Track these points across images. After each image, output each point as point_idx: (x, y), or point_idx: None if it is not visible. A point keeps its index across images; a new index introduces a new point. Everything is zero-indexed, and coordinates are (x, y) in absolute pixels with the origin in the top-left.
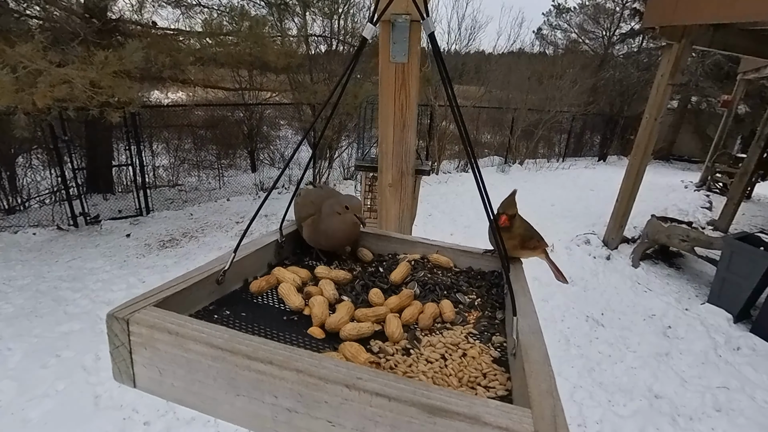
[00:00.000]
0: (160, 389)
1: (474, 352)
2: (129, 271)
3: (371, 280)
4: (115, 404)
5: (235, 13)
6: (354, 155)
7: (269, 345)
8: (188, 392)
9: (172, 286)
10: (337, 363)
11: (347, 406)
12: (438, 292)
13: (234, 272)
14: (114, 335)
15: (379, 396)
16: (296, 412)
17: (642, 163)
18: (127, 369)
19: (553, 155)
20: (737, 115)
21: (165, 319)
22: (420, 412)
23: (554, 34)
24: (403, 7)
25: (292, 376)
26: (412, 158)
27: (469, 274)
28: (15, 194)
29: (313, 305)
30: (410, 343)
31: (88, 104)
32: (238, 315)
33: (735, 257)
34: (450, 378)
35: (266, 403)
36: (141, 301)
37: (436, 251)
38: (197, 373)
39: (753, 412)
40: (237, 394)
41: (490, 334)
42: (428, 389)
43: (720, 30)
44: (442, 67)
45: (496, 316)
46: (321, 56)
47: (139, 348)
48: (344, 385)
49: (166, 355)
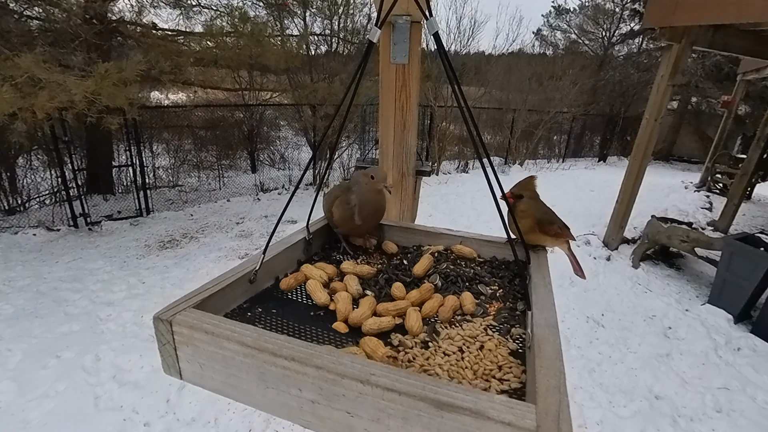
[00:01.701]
0: (202, 381)
1: (491, 344)
2: (129, 272)
3: (395, 274)
4: (115, 405)
5: (235, 14)
6: (354, 155)
7: (292, 343)
8: (226, 384)
9: (208, 288)
10: (353, 359)
11: (363, 399)
12: (460, 283)
13: (265, 271)
14: (161, 334)
15: (390, 391)
16: (318, 404)
17: (642, 163)
18: (174, 364)
19: (553, 156)
20: (737, 115)
21: (202, 320)
22: (428, 406)
23: (554, 35)
24: (403, 8)
25: (312, 371)
26: (412, 159)
27: (493, 264)
28: (15, 195)
29: (338, 301)
30: (429, 336)
31: (86, 111)
32: (269, 312)
33: (735, 258)
34: (465, 371)
35: (292, 395)
36: (182, 303)
37: (460, 242)
38: (232, 368)
39: (754, 413)
40: (267, 387)
41: (509, 326)
42: (437, 385)
43: (720, 31)
44: (449, 66)
45: (517, 307)
46: (321, 56)
47: (182, 345)
48: (359, 381)
49: (205, 352)
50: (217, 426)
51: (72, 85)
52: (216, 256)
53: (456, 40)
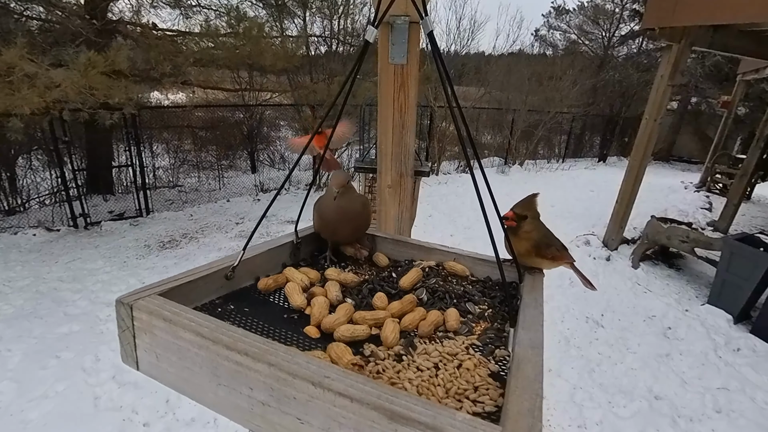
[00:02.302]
0: (157, 373)
1: (470, 363)
2: (129, 272)
3: (380, 285)
4: (114, 405)
5: (234, 15)
6: (353, 156)
7: (249, 337)
8: (180, 378)
9: (179, 278)
10: (308, 360)
11: (314, 404)
12: (447, 300)
13: (246, 270)
14: (121, 319)
15: (342, 396)
16: (269, 406)
17: (642, 164)
18: (131, 352)
19: (553, 156)
20: (737, 116)
21: (163, 307)
22: (381, 417)
23: (554, 36)
24: (402, 8)
25: (264, 369)
26: (411, 159)
27: (486, 284)
28: (15, 195)
29: (314, 305)
30: (404, 350)
31: (81, 107)
32: (241, 310)
33: (735, 258)
34: (437, 388)
35: (243, 395)
36: (147, 289)
37: (453, 258)
38: (186, 360)
39: (753, 413)
40: (218, 384)
41: (494, 346)
42: (393, 394)
43: (719, 31)
44: (442, 66)
45: (505, 328)
46: (321, 57)
47: (140, 333)
48: (311, 383)
49: (162, 341)
50: (216, 426)
51: (56, 77)
52: (216, 257)
53: (456, 40)
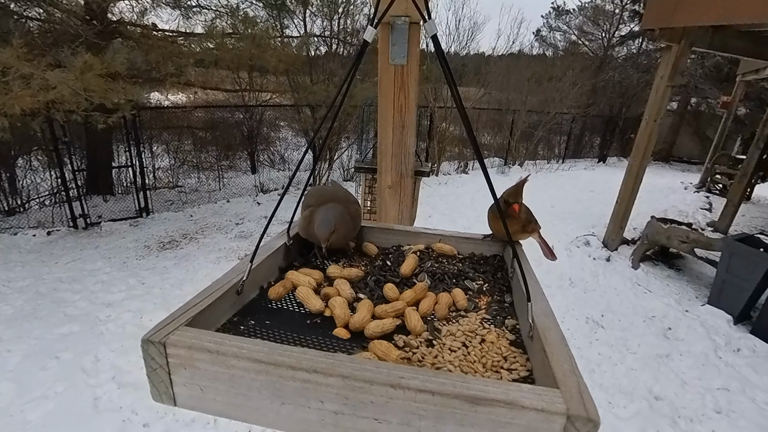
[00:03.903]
0: (201, 405)
1: (492, 337)
2: (129, 273)
3: (382, 275)
4: (114, 406)
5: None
6: (353, 156)
7: (310, 354)
8: (230, 405)
9: (197, 304)
10: (378, 365)
11: (392, 404)
12: (447, 281)
13: (249, 281)
14: (151, 358)
15: (422, 392)
16: (342, 414)
17: (642, 164)
18: (166, 390)
19: (552, 157)
20: (737, 116)
21: (202, 339)
22: (462, 403)
23: (553, 36)
24: (402, 9)
25: (337, 382)
26: (411, 160)
27: (473, 259)
28: (15, 196)
29: (334, 306)
30: (431, 335)
31: (75, 109)
32: (263, 323)
33: (735, 259)
34: (475, 364)
35: (312, 408)
36: (172, 322)
37: (439, 240)
38: (240, 387)
39: (753, 413)
40: (282, 403)
41: (502, 318)
42: (466, 381)
43: (719, 32)
44: (447, 69)
45: (505, 299)
46: (321, 57)
47: (178, 368)
48: (389, 386)
49: (206, 373)
50: (216, 427)
51: (52, 78)
52: (216, 257)
53: (455, 41)
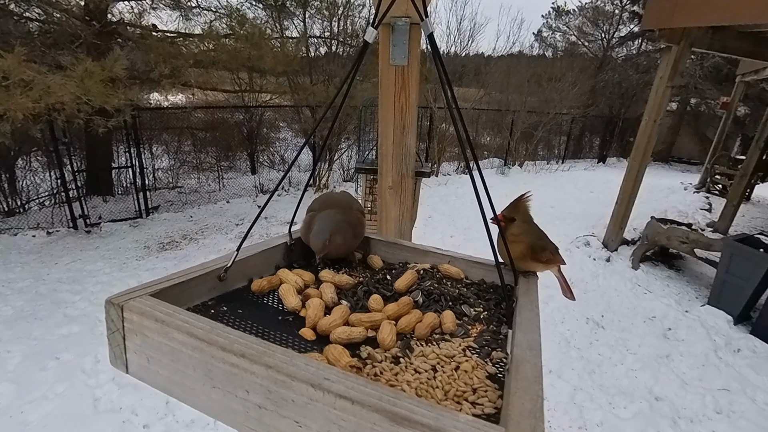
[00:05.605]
0: (147, 376)
1: (468, 365)
2: (128, 273)
3: (375, 287)
4: (114, 407)
5: (234, 17)
6: (354, 157)
7: (245, 339)
8: (171, 381)
9: (171, 278)
10: (307, 362)
11: (312, 407)
12: (443, 302)
13: (239, 271)
14: (111, 320)
15: (342, 398)
16: (266, 409)
17: (641, 164)
18: (121, 354)
19: (552, 157)
20: (736, 117)
21: (155, 308)
22: (383, 419)
23: (553, 37)
24: (402, 9)
25: (262, 371)
26: (412, 160)
27: (481, 286)
28: (14, 196)
29: (309, 307)
30: (402, 352)
31: (76, 114)
32: (235, 312)
33: (735, 259)
34: (435, 390)
35: (238, 398)
36: (139, 290)
37: (448, 261)
38: (179, 363)
39: (754, 414)
40: (213, 386)
41: (490, 348)
42: (395, 396)
43: (719, 32)
44: (442, 68)
45: (501, 330)
46: (320, 58)
47: (131, 334)
48: (310, 384)
49: (153, 343)
50: (216, 428)
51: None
52: (215, 258)
53: (456, 41)
